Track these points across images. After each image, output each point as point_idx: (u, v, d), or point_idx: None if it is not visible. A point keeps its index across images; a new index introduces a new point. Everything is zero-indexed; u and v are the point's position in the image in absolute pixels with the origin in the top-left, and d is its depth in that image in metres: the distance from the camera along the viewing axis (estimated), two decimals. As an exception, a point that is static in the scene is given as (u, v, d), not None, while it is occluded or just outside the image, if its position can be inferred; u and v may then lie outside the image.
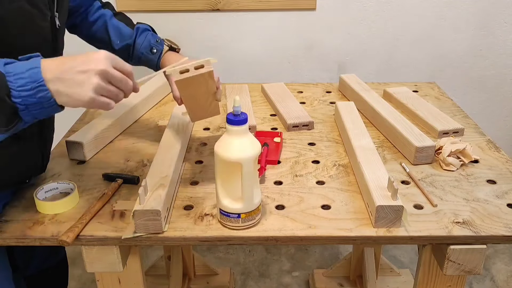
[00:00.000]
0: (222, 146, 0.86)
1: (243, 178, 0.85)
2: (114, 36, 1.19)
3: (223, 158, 0.85)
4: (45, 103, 0.71)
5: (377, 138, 1.25)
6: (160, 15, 1.81)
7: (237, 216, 0.87)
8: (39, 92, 0.70)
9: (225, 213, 0.88)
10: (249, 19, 1.82)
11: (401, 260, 1.99)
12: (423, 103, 1.38)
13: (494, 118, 2.03)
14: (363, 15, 1.82)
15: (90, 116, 1.37)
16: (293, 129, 1.29)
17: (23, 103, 0.69)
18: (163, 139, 1.13)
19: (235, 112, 0.84)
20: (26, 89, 0.69)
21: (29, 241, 0.88)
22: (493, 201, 0.97)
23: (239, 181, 0.85)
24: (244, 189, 0.86)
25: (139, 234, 0.87)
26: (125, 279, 0.97)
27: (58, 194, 1.00)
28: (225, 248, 2.06)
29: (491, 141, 1.22)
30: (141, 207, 0.85)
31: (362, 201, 0.97)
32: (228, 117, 0.84)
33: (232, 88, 1.55)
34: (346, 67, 1.92)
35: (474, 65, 1.92)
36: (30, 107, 0.70)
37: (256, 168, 0.88)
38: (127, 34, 1.19)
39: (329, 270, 1.78)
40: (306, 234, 0.88)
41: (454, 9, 1.81)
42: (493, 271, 1.93)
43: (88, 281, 1.90)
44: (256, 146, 0.86)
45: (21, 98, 0.69)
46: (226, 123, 0.85)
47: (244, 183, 0.85)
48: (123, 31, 1.19)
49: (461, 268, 0.89)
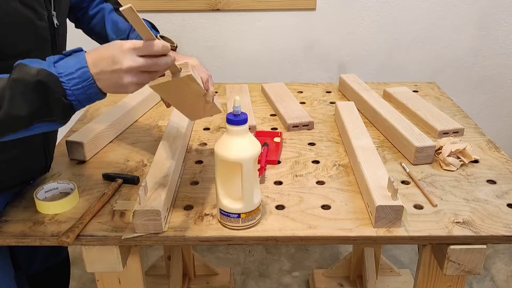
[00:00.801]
0: (222, 146, 0.86)
1: (243, 178, 0.85)
2: (110, 30, 1.17)
3: (223, 158, 0.85)
4: (94, 96, 0.77)
5: (377, 138, 1.25)
6: (160, 15, 1.81)
7: (237, 216, 0.87)
8: (89, 89, 0.76)
9: (225, 213, 0.88)
10: (249, 19, 1.82)
11: (401, 260, 1.99)
12: (423, 103, 1.38)
13: (494, 118, 2.03)
14: (363, 15, 1.82)
15: (90, 116, 1.37)
16: (293, 129, 1.29)
17: (76, 99, 0.76)
18: (163, 139, 1.13)
19: (235, 112, 0.84)
20: (78, 88, 0.75)
21: (29, 241, 0.88)
22: (493, 201, 0.97)
23: (239, 181, 0.85)
24: (244, 189, 0.85)
25: (138, 234, 0.87)
26: (125, 279, 0.97)
27: (58, 194, 1.00)
28: (225, 248, 2.06)
29: (491, 141, 1.22)
30: (141, 207, 0.85)
31: (362, 201, 0.97)
32: (228, 117, 0.84)
33: (232, 88, 1.55)
34: (346, 67, 1.92)
35: (474, 65, 1.92)
36: (82, 101, 0.77)
37: (256, 168, 0.88)
38: (123, 29, 1.16)
39: (329, 270, 1.78)
40: (306, 234, 0.88)
41: (454, 9, 1.81)
42: (493, 271, 1.93)
43: (88, 281, 1.90)
44: (256, 146, 0.86)
45: (75, 96, 0.75)
46: (226, 123, 0.85)
47: (244, 183, 0.85)
48: (120, 26, 1.17)
49: (461, 268, 0.89)
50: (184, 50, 1.87)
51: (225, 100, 1.48)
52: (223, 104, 1.46)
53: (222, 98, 1.51)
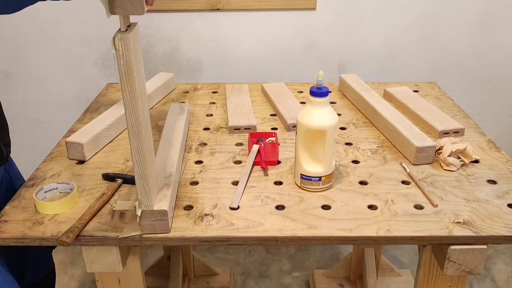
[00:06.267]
0: (306, 117, 0.97)
1: (326, 144, 0.96)
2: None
3: (308, 126, 0.96)
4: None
5: (378, 138, 1.24)
6: (160, 14, 1.81)
7: (319, 179, 0.99)
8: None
9: (307, 177, 0.99)
10: (249, 19, 1.82)
11: (402, 260, 1.99)
12: (423, 103, 1.38)
13: (495, 118, 2.03)
14: (363, 15, 1.82)
15: (90, 116, 1.37)
16: (293, 129, 1.29)
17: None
18: (162, 139, 1.13)
19: (318, 85, 0.95)
20: None
21: (29, 241, 0.88)
22: (494, 201, 0.97)
23: (320, 147, 0.97)
24: (326, 154, 0.97)
25: (135, 233, 0.87)
26: (125, 279, 0.97)
27: (58, 194, 1.00)
28: (225, 248, 2.06)
29: (492, 141, 1.22)
30: (148, 208, 0.85)
31: (362, 201, 0.97)
32: (312, 90, 0.95)
33: (232, 88, 1.55)
34: (346, 67, 1.91)
35: (475, 65, 1.92)
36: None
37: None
38: None
39: (329, 271, 1.78)
40: (306, 235, 0.88)
41: (454, 9, 1.81)
42: (494, 271, 1.93)
43: (88, 281, 1.90)
44: (335, 115, 0.98)
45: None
46: (310, 96, 0.96)
47: (327, 149, 0.97)
48: None
49: (462, 268, 0.89)
50: (184, 50, 1.87)
51: (224, 101, 1.48)
52: (223, 105, 1.46)
53: (222, 98, 1.51)
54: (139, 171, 0.82)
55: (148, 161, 0.83)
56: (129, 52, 0.73)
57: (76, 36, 1.85)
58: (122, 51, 0.73)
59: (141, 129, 0.79)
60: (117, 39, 0.72)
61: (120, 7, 0.71)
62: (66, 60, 1.89)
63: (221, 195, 1.00)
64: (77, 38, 1.85)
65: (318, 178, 0.99)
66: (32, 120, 2.01)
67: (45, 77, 1.92)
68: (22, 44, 1.85)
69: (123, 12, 0.71)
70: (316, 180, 0.99)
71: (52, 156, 1.16)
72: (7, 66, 1.90)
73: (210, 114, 1.40)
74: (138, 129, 0.79)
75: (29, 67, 1.90)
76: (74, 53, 1.87)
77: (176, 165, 1.02)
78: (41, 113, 1.99)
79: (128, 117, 0.78)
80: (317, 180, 0.99)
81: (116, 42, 0.72)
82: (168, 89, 1.55)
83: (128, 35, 0.72)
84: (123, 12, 0.71)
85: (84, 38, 1.84)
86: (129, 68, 0.74)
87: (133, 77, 0.75)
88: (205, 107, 1.45)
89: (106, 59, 1.88)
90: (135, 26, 0.77)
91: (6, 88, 1.93)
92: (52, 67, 1.90)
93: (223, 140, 1.24)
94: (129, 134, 0.80)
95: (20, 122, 2.00)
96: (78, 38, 1.85)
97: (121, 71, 0.75)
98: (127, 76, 0.75)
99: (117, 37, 0.72)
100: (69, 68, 1.90)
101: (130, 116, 0.78)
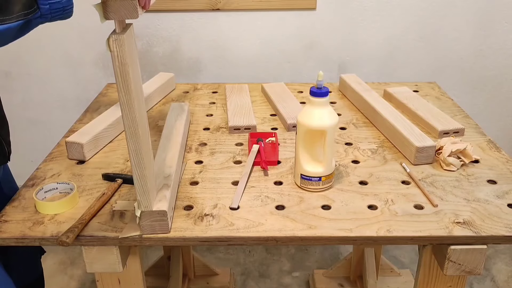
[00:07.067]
0: (306, 117, 0.97)
1: (326, 144, 0.96)
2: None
3: (308, 126, 0.96)
4: None
5: (377, 138, 1.24)
6: (160, 14, 1.81)
7: (319, 179, 0.99)
8: None
9: (307, 177, 0.99)
10: (249, 19, 1.82)
11: (402, 260, 1.99)
12: (423, 103, 1.38)
13: (495, 118, 2.03)
14: (363, 15, 1.82)
15: (90, 116, 1.37)
16: (293, 129, 1.29)
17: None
18: (162, 139, 1.13)
19: (318, 86, 0.95)
20: None
21: (29, 241, 0.88)
22: (494, 201, 0.97)
23: (320, 147, 0.97)
24: (326, 154, 0.97)
25: (136, 233, 0.87)
26: (125, 279, 0.97)
27: (58, 194, 1.00)
28: (225, 249, 2.06)
29: (492, 141, 1.22)
30: (148, 208, 0.85)
31: (362, 201, 0.97)
32: (312, 90, 0.95)
33: (232, 88, 1.55)
34: (346, 67, 1.91)
35: (475, 65, 1.92)
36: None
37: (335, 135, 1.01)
38: None
39: (329, 271, 1.78)
40: (306, 235, 0.88)
41: (454, 9, 1.81)
42: (494, 271, 1.93)
43: (88, 281, 1.90)
44: (335, 116, 0.98)
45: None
46: (310, 96, 0.96)
47: (327, 149, 0.97)
48: None
49: (462, 268, 0.89)
50: (184, 50, 1.87)
51: (224, 101, 1.48)
52: (223, 105, 1.46)
53: (222, 98, 1.51)
54: (137, 172, 0.82)
55: (146, 162, 0.82)
56: (124, 53, 0.73)
57: (76, 36, 1.85)
58: (117, 52, 0.72)
59: (138, 130, 0.79)
60: (112, 41, 0.72)
61: (114, 12, 0.71)
62: (66, 60, 1.89)
63: (221, 195, 1.00)
64: (77, 38, 1.86)
65: (318, 178, 0.99)
66: (32, 120, 2.01)
67: (45, 77, 1.92)
68: (22, 44, 1.84)
69: (117, 17, 0.71)
70: (316, 180, 0.99)
71: (52, 156, 1.16)
72: (7, 66, 1.90)
73: (210, 114, 1.40)
74: (135, 130, 0.79)
75: (29, 67, 1.90)
76: (74, 53, 1.88)
77: (176, 165, 1.02)
78: (41, 113, 1.99)
79: (125, 118, 0.78)
80: (317, 180, 0.99)
81: (110, 43, 0.72)
82: (168, 89, 1.55)
83: (123, 36, 0.72)
84: (117, 17, 0.71)
85: (84, 38, 1.84)
86: (125, 69, 0.74)
87: (129, 78, 0.75)
88: (205, 107, 1.45)
89: (106, 59, 1.88)
90: (130, 27, 0.77)
91: (6, 88, 1.93)
92: (52, 67, 1.90)
93: (223, 140, 1.24)
94: (126, 135, 0.79)
95: (20, 122, 2.00)
96: (78, 38, 1.86)
97: (117, 72, 0.74)
98: (122, 77, 0.75)
99: (111, 39, 0.72)
100: (69, 68, 1.91)
101: (127, 117, 0.78)
